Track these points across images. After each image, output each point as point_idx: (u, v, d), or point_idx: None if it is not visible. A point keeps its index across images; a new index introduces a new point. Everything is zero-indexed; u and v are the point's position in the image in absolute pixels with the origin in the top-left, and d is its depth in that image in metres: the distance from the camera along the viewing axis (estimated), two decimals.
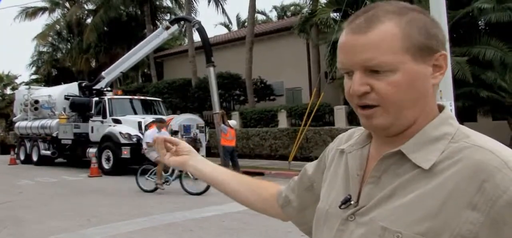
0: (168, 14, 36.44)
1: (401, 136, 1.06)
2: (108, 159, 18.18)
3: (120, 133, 17.94)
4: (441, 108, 1.10)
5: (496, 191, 0.91)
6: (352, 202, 1.09)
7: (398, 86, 1.00)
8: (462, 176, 0.95)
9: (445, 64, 1.06)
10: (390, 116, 1.03)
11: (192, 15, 28.66)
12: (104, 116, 19.34)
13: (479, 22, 16.86)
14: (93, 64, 38.15)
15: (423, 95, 1.04)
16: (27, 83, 39.83)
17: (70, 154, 21.59)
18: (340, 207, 1.11)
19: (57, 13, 39.83)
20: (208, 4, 32.41)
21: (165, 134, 15.61)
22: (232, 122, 17.40)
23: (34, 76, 45.13)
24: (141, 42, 22.25)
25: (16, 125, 25.09)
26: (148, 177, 13.17)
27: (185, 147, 1.62)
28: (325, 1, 20.95)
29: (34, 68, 43.90)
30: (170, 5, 36.76)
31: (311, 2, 24.16)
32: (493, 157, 0.94)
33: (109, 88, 22.47)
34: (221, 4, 32.86)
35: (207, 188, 11.71)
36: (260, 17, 42.60)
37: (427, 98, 1.06)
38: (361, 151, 1.16)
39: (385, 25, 1.01)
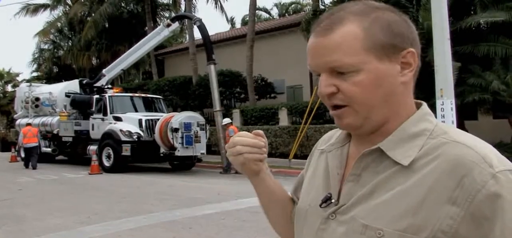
0: (168, 11, 36.42)
1: (378, 134, 1.06)
2: (108, 156, 18.19)
3: (121, 130, 17.95)
4: (418, 105, 1.11)
5: (475, 186, 0.92)
6: (332, 201, 1.10)
7: (363, 86, 1.01)
8: (441, 171, 0.96)
9: (414, 61, 1.05)
10: (359, 115, 1.04)
11: (192, 12, 28.62)
12: (105, 114, 19.37)
13: (481, 20, 16.78)
14: (94, 61, 38.13)
15: (392, 94, 1.04)
16: (28, 81, 39.81)
17: (70, 151, 21.62)
18: (320, 205, 1.11)
19: (59, 10, 39.82)
20: (207, 2, 32.39)
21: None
22: (226, 120, 17.45)
23: (35, 74, 45.10)
24: (142, 40, 22.26)
25: (17, 122, 25.08)
26: None
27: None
28: (330, 0, 20.91)
29: (35, 66, 43.86)
30: (170, 1, 36.72)
31: (313, 2, 24.15)
32: (471, 152, 0.96)
33: (110, 86, 22.47)
34: (220, 2, 32.80)
35: None
36: (264, 15, 42.60)
37: (398, 96, 1.05)
38: (340, 149, 1.17)
39: (347, 26, 1.02)
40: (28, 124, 21.10)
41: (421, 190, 0.96)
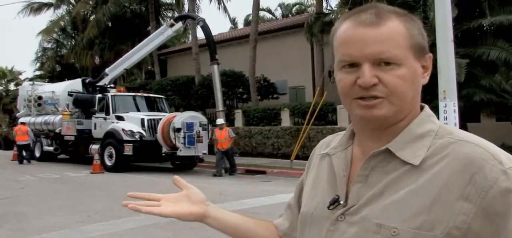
0: (171, 11, 36.46)
1: (385, 134, 1.08)
2: (110, 156, 18.20)
3: (123, 129, 17.95)
4: (421, 107, 1.14)
5: (487, 183, 0.95)
6: (341, 202, 1.11)
7: (404, 80, 1.04)
8: (452, 169, 0.99)
9: (430, 65, 1.12)
10: (394, 107, 1.05)
11: (196, 12, 28.63)
12: (107, 113, 19.36)
13: (484, 22, 16.77)
14: (97, 61, 38.15)
15: (417, 93, 1.10)
16: (31, 79, 39.86)
17: (72, 150, 21.62)
18: (328, 208, 1.12)
19: (62, 9, 39.86)
20: (210, 2, 32.39)
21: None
22: (221, 121, 17.36)
23: (38, 72, 45.16)
24: (145, 40, 22.28)
25: (20, 120, 25.12)
26: None
27: (197, 193, 1.41)
28: (336, 3, 20.93)
29: (38, 64, 43.96)
30: (173, 1, 36.74)
31: (316, 3, 24.14)
32: (481, 150, 0.99)
33: (112, 85, 22.49)
34: (223, 2, 32.76)
35: None
36: (267, 15, 42.57)
37: (418, 96, 1.11)
38: (344, 152, 1.18)
39: (393, 22, 1.06)
40: (22, 123, 22.67)
41: (433, 188, 0.99)
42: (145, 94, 21.92)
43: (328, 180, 1.18)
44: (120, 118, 18.81)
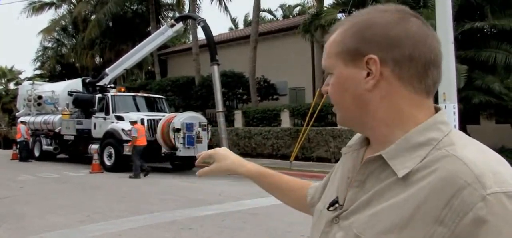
0: (172, 11, 36.50)
1: (374, 141, 1.07)
2: (110, 156, 18.19)
3: (123, 129, 17.94)
4: (437, 110, 1.05)
5: (463, 208, 0.86)
6: (337, 205, 1.08)
7: (332, 87, 1.08)
8: (433, 188, 0.90)
9: (374, 68, 1.00)
10: (339, 113, 1.11)
11: (196, 12, 28.64)
12: (107, 113, 19.35)
13: (485, 25, 16.77)
14: (98, 60, 38.17)
15: (361, 99, 1.02)
16: (30, 79, 39.86)
17: (72, 150, 21.62)
18: (328, 208, 1.10)
19: (63, 9, 39.88)
20: (211, 2, 32.40)
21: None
22: (127, 124, 17.08)
23: (38, 72, 45.17)
24: (146, 40, 22.26)
25: (19, 119, 25.13)
26: None
27: (220, 151, 1.72)
28: (331, 2, 20.92)
29: (38, 64, 43.96)
30: (174, 1, 36.77)
31: (317, 5, 24.13)
32: (466, 170, 0.88)
33: (112, 85, 22.49)
34: (224, 2, 32.76)
35: None
36: (268, 16, 42.58)
37: (368, 102, 1.02)
38: (357, 153, 1.13)
39: (335, 33, 1.09)
40: (21, 122, 23.61)
41: (412, 205, 0.91)
42: (145, 95, 21.90)
43: (337, 180, 1.16)
44: (119, 118, 18.81)
